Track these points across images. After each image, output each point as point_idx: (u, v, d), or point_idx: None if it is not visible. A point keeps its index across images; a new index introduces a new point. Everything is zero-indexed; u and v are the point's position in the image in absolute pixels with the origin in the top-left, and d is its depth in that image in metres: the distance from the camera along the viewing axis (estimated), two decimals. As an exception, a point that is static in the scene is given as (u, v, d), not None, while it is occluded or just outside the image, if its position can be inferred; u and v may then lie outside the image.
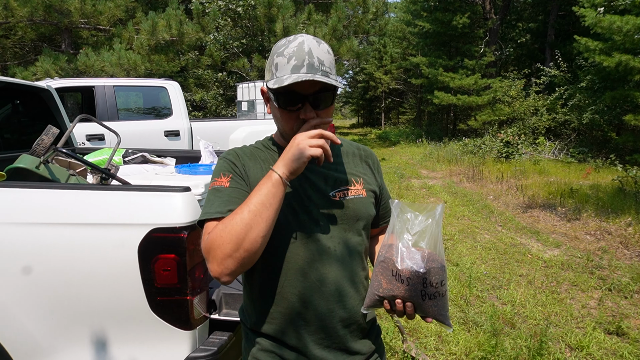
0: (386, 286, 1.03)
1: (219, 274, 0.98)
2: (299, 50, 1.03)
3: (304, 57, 1.03)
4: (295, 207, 1.11)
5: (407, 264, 1.01)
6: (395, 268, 1.02)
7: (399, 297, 1.03)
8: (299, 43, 1.04)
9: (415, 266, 1.00)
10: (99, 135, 5.60)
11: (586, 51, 10.73)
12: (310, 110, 1.05)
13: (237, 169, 1.13)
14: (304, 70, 1.02)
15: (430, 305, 1.01)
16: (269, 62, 1.08)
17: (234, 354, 1.88)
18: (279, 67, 1.04)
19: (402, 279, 1.01)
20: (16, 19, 9.51)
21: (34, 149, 2.37)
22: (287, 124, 1.09)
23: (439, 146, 15.29)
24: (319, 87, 1.05)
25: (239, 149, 1.20)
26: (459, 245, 5.25)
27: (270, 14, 12.95)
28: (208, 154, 3.27)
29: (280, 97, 1.06)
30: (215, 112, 16.02)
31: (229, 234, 0.97)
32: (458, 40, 19.46)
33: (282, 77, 1.03)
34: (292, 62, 1.03)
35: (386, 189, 1.35)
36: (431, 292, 1.00)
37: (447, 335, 3.15)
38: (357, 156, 1.28)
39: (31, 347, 1.66)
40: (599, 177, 9.33)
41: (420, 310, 1.04)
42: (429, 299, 1.01)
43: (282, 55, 1.04)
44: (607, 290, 3.97)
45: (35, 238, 1.62)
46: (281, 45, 1.06)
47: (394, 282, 1.02)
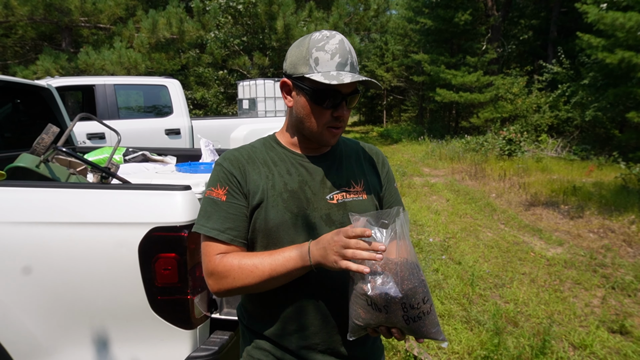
0: (365, 316, 0.96)
1: (216, 293, 1.08)
2: (341, 47, 1.04)
3: (347, 56, 1.05)
4: (295, 212, 1.10)
5: (380, 290, 0.92)
6: (369, 297, 0.93)
7: (381, 325, 0.97)
8: (339, 40, 1.04)
9: (390, 292, 0.91)
10: (100, 133, 5.59)
11: (589, 48, 10.66)
12: (346, 109, 1.07)
13: (234, 179, 1.10)
14: (348, 69, 1.04)
15: (417, 327, 0.94)
16: (302, 55, 1.06)
17: (235, 354, 1.87)
18: (320, 61, 1.03)
19: (379, 307, 0.92)
20: (16, 18, 9.49)
21: (34, 147, 2.35)
22: (320, 120, 1.08)
23: (441, 144, 15.25)
24: (354, 87, 1.07)
25: (237, 153, 1.15)
26: (461, 243, 5.23)
27: (271, 11, 12.92)
28: (209, 152, 3.25)
29: (320, 95, 1.05)
30: (216, 110, 16.01)
31: (241, 280, 1.03)
32: (460, 37, 19.37)
33: (329, 72, 1.02)
34: (337, 59, 1.03)
35: (394, 193, 1.29)
36: (414, 315, 0.92)
37: (449, 334, 3.14)
38: (360, 157, 1.25)
39: (32, 347, 1.65)
40: (602, 175, 9.29)
41: (408, 332, 0.96)
42: (413, 322, 0.93)
43: (324, 50, 1.03)
44: (610, 289, 3.95)
45: (36, 237, 1.61)
46: (319, 39, 1.05)
47: (371, 311, 0.94)
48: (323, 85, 1.03)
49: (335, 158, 1.20)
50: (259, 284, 1.02)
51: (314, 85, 1.04)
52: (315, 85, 1.04)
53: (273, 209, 1.08)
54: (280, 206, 1.09)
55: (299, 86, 1.08)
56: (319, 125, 1.08)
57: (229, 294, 1.07)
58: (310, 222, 1.11)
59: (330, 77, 1.01)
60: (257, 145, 1.20)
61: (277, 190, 1.10)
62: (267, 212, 1.08)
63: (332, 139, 1.12)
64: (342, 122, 1.10)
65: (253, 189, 1.09)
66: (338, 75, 1.01)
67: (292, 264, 0.99)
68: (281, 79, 1.14)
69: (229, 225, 1.07)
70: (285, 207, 1.09)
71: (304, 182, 1.13)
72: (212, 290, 1.07)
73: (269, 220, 1.08)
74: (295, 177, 1.13)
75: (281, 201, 1.09)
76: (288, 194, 1.10)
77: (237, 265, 1.03)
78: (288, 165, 1.15)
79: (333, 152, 1.21)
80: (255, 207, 1.09)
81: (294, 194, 1.11)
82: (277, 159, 1.15)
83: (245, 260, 1.03)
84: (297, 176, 1.13)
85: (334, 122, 1.08)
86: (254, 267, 1.01)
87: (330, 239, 0.95)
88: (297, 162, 1.16)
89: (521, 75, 17.33)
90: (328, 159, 1.19)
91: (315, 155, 1.18)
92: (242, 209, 1.09)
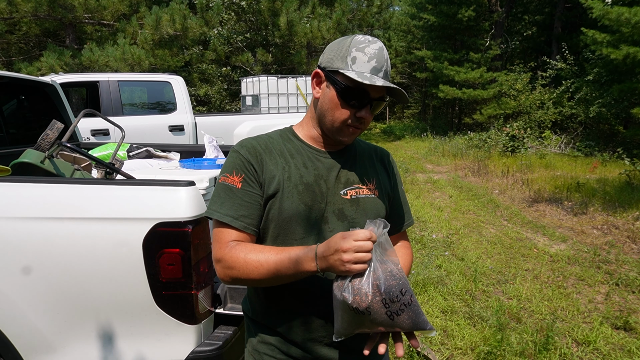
0: (349, 320, 0.98)
1: (222, 279, 1.09)
2: (380, 54, 1.07)
3: (384, 63, 1.08)
4: (309, 204, 1.11)
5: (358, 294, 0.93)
6: (349, 305, 0.94)
7: (366, 329, 0.99)
8: (379, 47, 1.08)
9: (370, 294, 0.93)
10: (104, 130, 5.61)
11: (593, 43, 10.59)
12: (369, 112, 1.10)
13: (250, 167, 1.11)
14: (382, 75, 1.07)
15: (402, 320, 0.96)
16: (342, 51, 1.09)
17: (239, 348, 1.88)
18: (357, 61, 1.06)
19: (361, 311, 0.94)
20: (20, 15, 9.52)
21: (39, 143, 2.37)
22: (342, 116, 1.10)
23: (444, 140, 15.21)
24: (382, 94, 1.10)
25: (255, 141, 1.17)
26: (464, 240, 5.23)
27: (274, 7, 12.90)
28: (212, 148, 3.26)
29: (349, 92, 1.07)
30: (220, 106, 16.02)
31: (245, 273, 1.04)
32: (463, 34, 19.28)
33: (363, 73, 1.05)
34: (373, 63, 1.06)
35: (401, 196, 1.30)
36: (396, 309, 0.95)
37: (452, 330, 3.15)
38: (372, 157, 1.28)
39: (37, 342, 1.67)
40: (606, 171, 9.25)
41: (396, 328, 0.98)
42: (397, 316, 0.95)
43: (363, 52, 1.06)
44: (614, 285, 3.94)
45: (41, 233, 1.62)
46: (362, 41, 1.08)
47: (355, 316, 0.96)
48: (355, 83, 1.06)
49: (351, 155, 1.22)
50: (263, 281, 1.03)
51: (346, 81, 1.07)
52: (347, 82, 1.07)
53: (288, 200, 1.10)
54: (295, 198, 1.10)
55: (331, 79, 1.10)
56: (340, 121, 1.10)
57: (235, 284, 1.09)
58: (323, 215, 1.12)
59: (363, 77, 1.04)
60: (273, 136, 1.20)
61: (293, 182, 1.11)
62: (282, 202, 1.09)
63: (350, 137, 1.13)
64: (363, 123, 1.12)
65: (269, 178, 1.11)
66: (371, 78, 1.05)
67: (298, 266, 0.98)
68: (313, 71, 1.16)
69: (242, 212, 1.08)
70: (300, 199, 1.10)
71: (320, 176, 1.14)
72: (219, 277, 1.09)
73: (283, 211, 1.09)
74: (312, 171, 1.14)
75: (296, 193, 1.10)
76: (303, 186, 1.12)
77: (242, 259, 1.03)
78: (305, 158, 1.16)
79: (349, 150, 1.22)
80: (270, 196, 1.10)
81: (309, 186, 1.12)
82: (294, 151, 1.17)
83: (251, 256, 1.03)
84: (313, 170, 1.15)
85: (355, 121, 1.10)
86: (259, 265, 1.02)
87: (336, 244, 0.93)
88: (314, 156, 1.17)
89: (525, 72, 17.24)
90: (344, 155, 1.20)
91: (331, 151, 1.20)
92: (257, 197, 1.10)
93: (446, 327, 3.20)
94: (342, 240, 0.92)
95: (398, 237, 1.30)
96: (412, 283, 3.86)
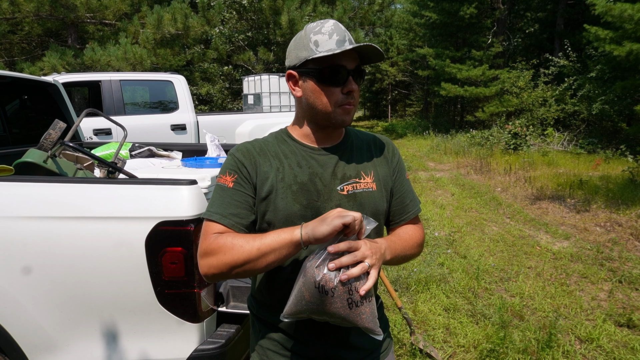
0: (309, 299, 0.96)
1: (205, 275, 1.06)
2: (337, 27, 1.09)
3: (344, 34, 1.09)
4: (304, 203, 1.11)
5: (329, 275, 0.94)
6: (317, 282, 0.94)
7: (316, 315, 0.98)
8: (334, 23, 1.10)
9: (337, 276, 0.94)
10: (106, 129, 5.62)
11: (596, 40, 10.53)
12: (354, 84, 1.10)
13: (243, 169, 1.12)
14: (347, 44, 1.08)
15: (358, 313, 0.95)
16: (302, 42, 1.10)
17: (242, 347, 1.89)
18: (319, 43, 1.08)
19: (326, 290, 0.94)
20: (23, 14, 9.54)
21: (42, 143, 2.38)
22: (331, 99, 1.10)
23: (446, 138, 15.18)
24: (358, 61, 1.11)
25: (249, 145, 1.18)
26: (466, 237, 5.23)
27: (275, 6, 12.89)
28: (214, 147, 3.26)
29: (327, 72, 1.08)
30: (222, 105, 16.03)
31: (230, 256, 1.01)
32: (465, 31, 19.20)
33: (330, 49, 1.06)
34: (335, 37, 1.07)
35: (405, 184, 1.27)
36: (357, 299, 0.95)
37: (455, 328, 3.15)
38: (371, 148, 1.26)
39: (41, 340, 1.68)
40: (609, 168, 9.22)
41: (347, 321, 0.97)
42: (356, 306, 0.95)
43: (321, 33, 1.08)
44: (617, 282, 3.93)
45: (44, 232, 1.63)
46: (315, 26, 1.10)
47: (317, 295, 0.94)
48: (328, 60, 1.07)
49: (346, 149, 1.21)
50: (247, 261, 1.00)
51: (319, 64, 1.08)
52: (321, 64, 1.08)
53: (282, 201, 1.10)
54: (289, 198, 1.11)
55: (304, 72, 1.11)
56: (331, 104, 1.10)
57: (219, 276, 1.05)
58: (320, 213, 1.11)
59: (332, 51, 1.05)
60: (269, 139, 1.22)
61: (287, 183, 1.12)
62: (276, 203, 1.10)
63: (347, 117, 1.13)
64: (353, 97, 1.11)
65: (262, 180, 1.12)
66: (347, 44, 1.07)
67: (281, 239, 0.99)
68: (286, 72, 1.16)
69: (231, 211, 1.09)
70: (294, 199, 1.11)
71: (315, 174, 1.15)
72: (202, 273, 1.06)
73: (277, 212, 1.10)
74: (306, 170, 1.15)
75: (290, 193, 1.11)
76: (297, 186, 1.12)
77: (229, 242, 1.03)
78: (299, 157, 1.16)
79: (344, 144, 1.22)
80: (264, 198, 1.11)
81: (304, 186, 1.13)
82: (288, 152, 1.17)
83: (238, 238, 1.04)
84: (307, 168, 1.15)
85: (345, 99, 1.10)
86: (245, 242, 1.01)
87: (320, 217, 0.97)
88: (308, 155, 1.17)
89: (527, 69, 17.17)
90: (339, 150, 1.20)
91: (327, 146, 1.19)
92: (248, 197, 1.11)
93: (449, 324, 3.20)
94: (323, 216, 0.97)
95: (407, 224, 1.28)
96: (414, 281, 3.86)
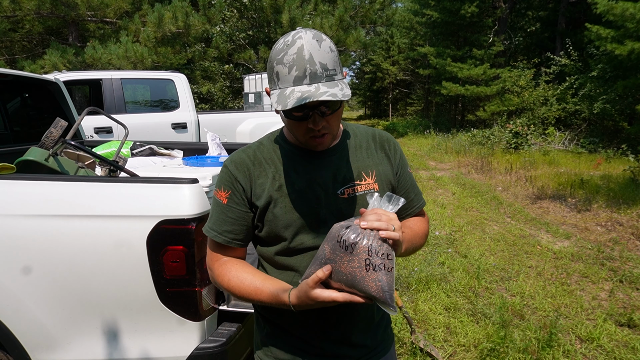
0: (329, 255, 0.97)
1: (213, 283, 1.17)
2: (298, 57, 0.95)
3: (305, 66, 0.95)
4: (304, 211, 1.09)
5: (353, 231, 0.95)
6: (340, 235, 0.96)
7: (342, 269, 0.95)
8: (297, 49, 0.95)
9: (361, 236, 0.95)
10: (107, 127, 5.63)
11: (598, 39, 10.52)
12: (319, 119, 1.00)
13: (237, 185, 1.10)
14: (307, 81, 0.95)
15: (373, 278, 0.94)
16: (269, 68, 1.01)
17: (243, 345, 1.89)
18: (280, 76, 0.97)
19: (347, 245, 0.94)
20: (23, 12, 9.55)
21: (43, 141, 2.38)
22: (299, 132, 1.04)
23: (447, 137, 15.17)
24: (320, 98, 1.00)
25: (244, 154, 1.13)
26: (467, 237, 5.22)
27: (276, 5, 12.89)
28: (215, 146, 3.27)
29: (288, 111, 0.99)
30: (222, 104, 16.03)
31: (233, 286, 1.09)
32: (466, 30, 19.17)
33: (285, 90, 0.96)
34: (294, 73, 0.95)
35: (408, 178, 1.25)
36: (376, 263, 0.94)
37: (455, 327, 3.15)
38: (371, 146, 1.22)
39: (43, 338, 1.68)
40: (610, 168, 9.21)
41: (361, 286, 0.95)
42: (372, 270, 0.94)
43: (282, 64, 0.96)
44: (618, 282, 3.93)
45: (45, 230, 1.63)
46: (280, 50, 0.97)
47: (337, 250, 0.96)
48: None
49: (345, 149, 1.17)
50: (243, 299, 1.09)
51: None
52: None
53: (281, 211, 1.08)
54: (289, 207, 1.09)
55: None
56: (301, 136, 1.05)
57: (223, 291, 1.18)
58: (321, 219, 1.10)
59: (282, 98, 0.95)
60: (264, 142, 1.17)
61: (284, 191, 1.09)
62: (275, 214, 1.09)
63: (319, 147, 1.07)
64: (320, 131, 1.03)
65: (259, 192, 1.10)
66: (290, 94, 0.94)
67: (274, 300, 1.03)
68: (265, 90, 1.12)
69: (226, 228, 1.11)
70: (294, 207, 1.09)
71: (312, 180, 1.11)
72: (211, 280, 1.17)
73: (277, 221, 1.09)
74: (303, 176, 1.11)
75: (289, 202, 1.09)
76: (296, 194, 1.09)
77: (234, 274, 1.10)
78: (295, 163, 1.12)
79: (342, 144, 1.17)
80: (263, 210, 1.10)
81: (302, 193, 1.10)
82: (284, 157, 1.13)
83: (238, 276, 1.09)
84: (304, 174, 1.11)
85: (311, 132, 1.03)
86: (241, 283, 1.07)
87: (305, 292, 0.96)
88: (305, 159, 1.13)
89: (528, 68, 17.16)
90: (337, 151, 1.15)
91: (323, 149, 1.14)
92: (242, 213, 1.11)
93: (449, 324, 3.20)
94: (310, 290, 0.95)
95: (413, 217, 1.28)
96: (415, 280, 3.86)
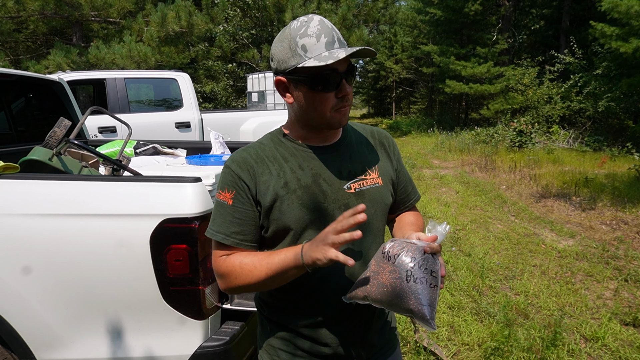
0: (374, 268, 0.98)
1: (224, 291, 1.12)
2: (323, 27, 1.01)
3: (332, 33, 1.02)
4: (311, 207, 1.08)
5: (399, 243, 0.97)
6: (386, 247, 0.99)
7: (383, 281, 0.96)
8: (319, 21, 1.02)
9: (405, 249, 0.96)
10: (111, 127, 5.65)
11: (602, 37, 10.45)
12: (348, 86, 1.05)
13: (242, 183, 1.08)
14: (337, 45, 1.02)
15: (412, 290, 0.92)
16: (288, 47, 1.02)
17: (246, 344, 1.89)
18: (308, 47, 1.00)
19: (390, 256, 0.96)
20: (28, 13, 9.59)
21: (47, 141, 2.38)
22: (326, 105, 1.04)
23: (451, 136, 15.13)
24: (349, 63, 1.05)
25: (245, 154, 1.12)
26: (471, 236, 5.21)
27: (279, 3, 12.87)
28: (219, 145, 3.27)
29: (319, 79, 1.01)
30: (226, 103, 16.05)
31: (242, 280, 1.05)
32: (470, 28, 19.10)
33: (321, 54, 1.00)
34: (323, 40, 1.00)
35: (405, 173, 1.30)
36: (418, 276, 0.93)
37: (459, 326, 3.14)
38: (371, 142, 1.23)
39: (47, 337, 1.69)
40: (614, 166, 9.16)
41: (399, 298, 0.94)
42: (414, 281, 0.92)
43: (307, 36, 1.00)
44: (623, 281, 3.91)
45: (49, 229, 1.64)
46: (299, 27, 1.02)
47: (381, 262, 0.97)
48: (319, 69, 1.00)
49: (347, 145, 1.17)
50: (259, 284, 1.04)
51: (311, 72, 1.01)
52: (312, 72, 1.01)
53: (288, 208, 1.07)
54: (296, 204, 1.07)
55: (295, 79, 1.05)
56: (326, 110, 1.05)
57: (237, 292, 1.10)
58: (328, 215, 1.09)
59: (324, 59, 0.98)
60: (265, 142, 1.16)
61: (291, 188, 1.08)
62: (282, 211, 1.07)
63: (343, 119, 1.09)
64: (347, 100, 1.07)
65: (263, 190, 1.08)
66: (331, 54, 0.99)
67: (287, 263, 0.99)
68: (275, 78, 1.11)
69: (234, 229, 1.07)
70: (301, 204, 1.07)
71: (318, 175, 1.10)
72: (222, 289, 1.12)
73: (285, 220, 1.07)
74: (308, 172, 1.10)
75: (296, 198, 1.07)
76: (302, 190, 1.08)
77: (238, 264, 1.05)
78: (299, 159, 1.11)
79: (344, 140, 1.18)
80: (269, 208, 1.08)
81: (308, 189, 1.09)
82: (287, 154, 1.12)
83: (246, 260, 1.05)
84: (309, 170, 1.10)
85: (340, 102, 1.05)
86: (253, 267, 1.03)
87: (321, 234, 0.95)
88: (309, 155, 1.12)
89: (532, 66, 17.09)
90: (340, 147, 1.16)
91: (326, 145, 1.15)
92: (249, 213, 1.08)
93: (453, 322, 3.20)
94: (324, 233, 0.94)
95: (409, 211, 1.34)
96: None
